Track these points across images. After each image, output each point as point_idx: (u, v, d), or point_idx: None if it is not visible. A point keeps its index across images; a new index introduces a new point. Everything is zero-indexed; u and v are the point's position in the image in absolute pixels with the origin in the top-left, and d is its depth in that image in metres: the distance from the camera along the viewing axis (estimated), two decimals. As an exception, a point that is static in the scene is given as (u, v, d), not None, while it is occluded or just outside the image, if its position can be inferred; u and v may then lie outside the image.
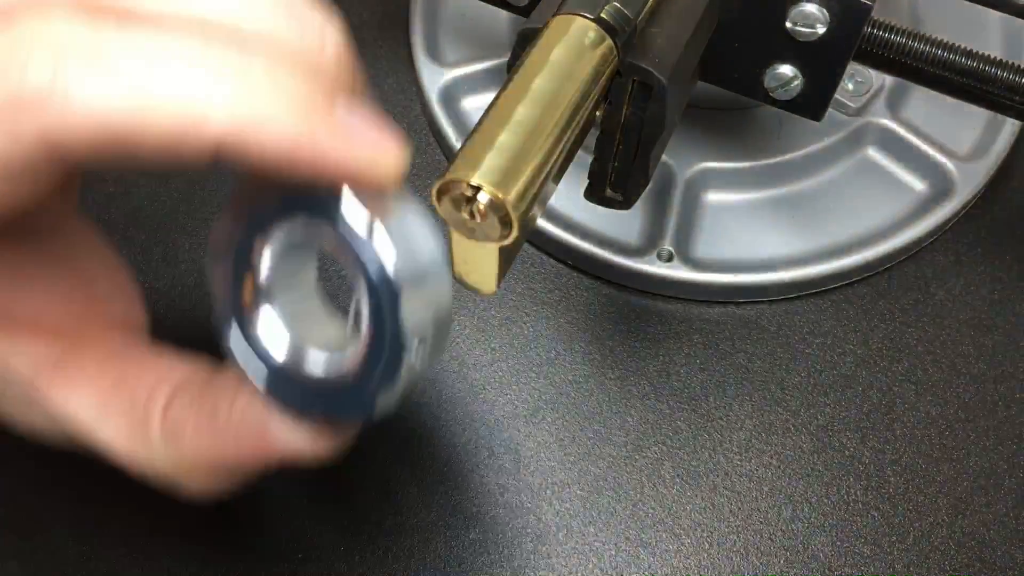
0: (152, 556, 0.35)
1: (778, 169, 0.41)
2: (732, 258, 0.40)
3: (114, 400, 0.24)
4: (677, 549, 0.35)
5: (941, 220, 0.40)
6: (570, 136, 0.25)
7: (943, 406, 0.38)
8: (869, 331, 0.39)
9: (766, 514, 0.36)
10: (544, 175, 0.24)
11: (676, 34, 0.29)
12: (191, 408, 0.24)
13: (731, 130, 0.42)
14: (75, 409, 0.24)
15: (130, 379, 0.24)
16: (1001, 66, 0.33)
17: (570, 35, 0.26)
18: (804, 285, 0.40)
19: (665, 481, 0.36)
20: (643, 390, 0.38)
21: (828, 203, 0.41)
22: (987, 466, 0.36)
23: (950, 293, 0.40)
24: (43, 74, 0.18)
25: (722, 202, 0.41)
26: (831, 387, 0.38)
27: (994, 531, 0.35)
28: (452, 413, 0.37)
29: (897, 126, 0.42)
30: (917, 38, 0.33)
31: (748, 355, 0.39)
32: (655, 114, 0.28)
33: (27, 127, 0.18)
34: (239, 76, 0.18)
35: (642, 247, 0.40)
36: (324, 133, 0.19)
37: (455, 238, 0.24)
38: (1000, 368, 0.38)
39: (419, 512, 0.36)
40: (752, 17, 0.32)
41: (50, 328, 0.25)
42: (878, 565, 0.35)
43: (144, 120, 0.18)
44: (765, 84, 0.33)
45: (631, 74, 0.28)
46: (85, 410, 0.24)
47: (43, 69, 0.18)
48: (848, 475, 0.36)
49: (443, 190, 0.23)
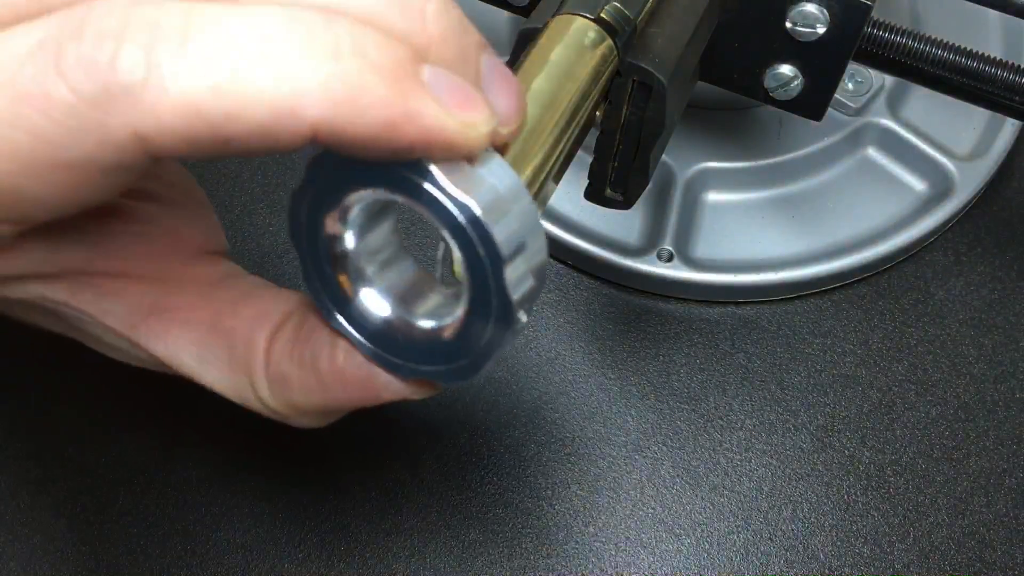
0: (152, 556, 0.35)
1: (778, 169, 0.41)
2: (732, 258, 0.40)
3: (212, 344, 0.24)
4: (677, 549, 0.35)
5: (941, 220, 0.40)
6: (570, 136, 0.25)
7: (943, 406, 0.38)
8: (869, 331, 0.39)
9: (766, 514, 0.36)
10: (544, 175, 0.24)
11: (676, 34, 0.29)
12: (293, 353, 0.23)
13: (731, 130, 0.42)
14: (175, 354, 0.24)
15: (225, 319, 0.24)
16: (1001, 66, 0.33)
17: (570, 35, 0.26)
18: (804, 285, 0.40)
19: (665, 481, 0.36)
20: (643, 390, 0.38)
21: (828, 203, 0.41)
22: (987, 466, 0.36)
23: (950, 293, 0.40)
24: (135, 66, 0.17)
25: (722, 202, 0.41)
26: (831, 387, 0.38)
27: (994, 531, 0.35)
28: (452, 413, 0.37)
29: (897, 126, 0.42)
30: (917, 38, 0.33)
31: (748, 355, 0.39)
32: (655, 114, 0.28)
33: (117, 124, 0.17)
34: (332, 55, 0.17)
35: (642, 247, 0.40)
36: (416, 106, 0.18)
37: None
38: (1000, 368, 0.38)
39: (419, 512, 0.36)
40: (752, 17, 0.32)
41: (141, 275, 0.24)
42: (878, 565, 0.35)
43: (241, 109, 0.17)
44: (765, 84, 0.33)
45: (631, 74, 0.28)
46: (185, 355, 0.24)
47: (135, 60, 0.17)
48: (848, 475, 0.36)
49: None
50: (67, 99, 0.17)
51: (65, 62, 0.17)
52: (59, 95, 0.17)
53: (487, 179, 0.20)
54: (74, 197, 0.19)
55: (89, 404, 0.38)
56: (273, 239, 0.41)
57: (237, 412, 0.36)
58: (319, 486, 0.36)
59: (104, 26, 0.17)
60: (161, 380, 0.35)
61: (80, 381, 0.38)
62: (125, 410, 0.37)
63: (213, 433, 0.37)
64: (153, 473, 0.36)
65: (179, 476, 0.36)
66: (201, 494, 0.36)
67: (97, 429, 0.37)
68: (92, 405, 0.38)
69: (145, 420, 0.37)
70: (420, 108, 0.18)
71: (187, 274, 0.25)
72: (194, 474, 0.36)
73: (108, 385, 0.38)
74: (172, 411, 0.37)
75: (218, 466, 0.36)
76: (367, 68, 0.18)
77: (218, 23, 0.17)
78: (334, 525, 0.35)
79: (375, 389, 0.23)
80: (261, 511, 0.36)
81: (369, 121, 0.18)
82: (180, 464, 0.36)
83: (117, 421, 0.37)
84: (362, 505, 0.36)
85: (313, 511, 0.36)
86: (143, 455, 0.37)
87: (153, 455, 0.37)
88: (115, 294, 0.24)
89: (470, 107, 0.19)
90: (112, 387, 0.38)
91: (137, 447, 0.37)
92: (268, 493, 0.36)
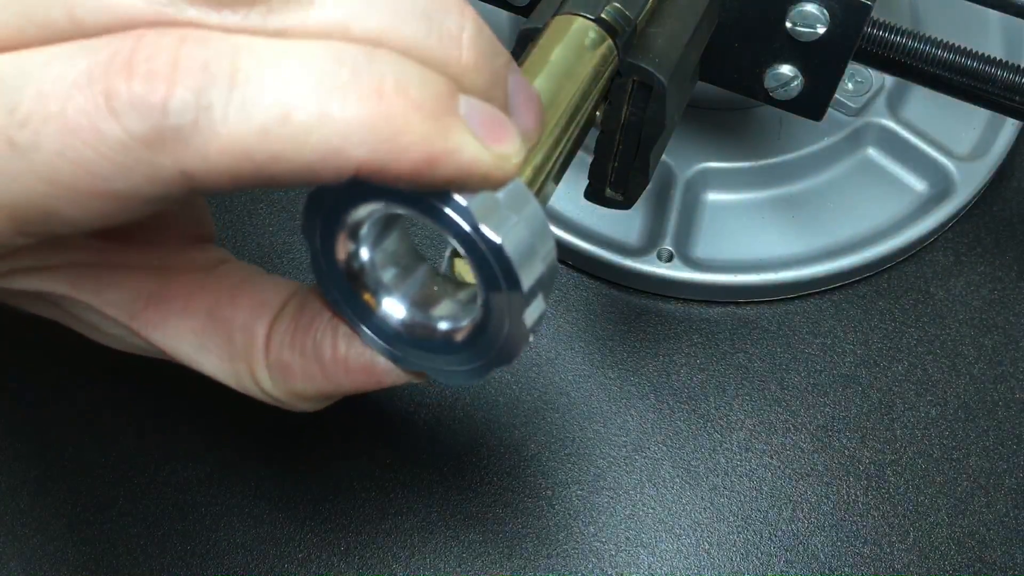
0: (152, 556, 0.35)
1: (778, 169, 0.41)
2: (732, 258, 0.40)
3: (211, 332, 0.24)
4: (677, 549, 0.35)
5: (941, 220, 0.40)
6: (570, 136, 0.25)
7: (943, 406, 0.38)
8: (869, 331, 0.39)
9: (766, 514, 0.36)
10: (544, 175, 0.24)
11: (676, 34, 0.29)
12: (294, 342, 0.24)
13: (731, 130, 0.42)
14: (174, 343, 0.24)
15: (223, 308, 0.24)
16: (1001, 66, 0.33)
17: (570, 35, 0.26)
18: (804, 285, 0.40)
19: (665, 481, 0.36)
20: (643, 390, 0.38)
21: (828, 203, 0.41)
22: (987, 466, 0.36)
23: (950, 293, 0.40)
24: (186, 109, 0.17)
25: (722, 202, 0.41)
26: (831, 387, 0.38)
27: (994, 531, 0.35)
28: (452, 413, 0.37)
29: (897, 126, 0.42)
30: (917, 38, 0.33)
31: (748, 355, 0.39)
32: (655, 114, 0.28)
33: (166, 163, 0.17)
34: (376, 95, 0.18)
35: (642, 247, 0.40)
36: (455, 143, 0.18)
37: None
38: (1000, 368, 0.38)
39: (419, 512, 0.36)
40: (752, 17, 0.32)
41: (138, 264, 0.24)
42: (878, 565, 0.35)
43: (288, 151, 0.17)
44: (765, 84, 0.33)
45: (631, 74, 0.28)
46: (184, 344, 0.24)
47: (186, 103, 0.17)
48: (848, 475, 0.36)
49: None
50: (119, 137, 0.17)
51: (117, 100, 0.17)
52: (111, 133, 0.17)
53: (513, 216, 0.20)
54: (106, 221, 0.19)
55: (89, 404, 0.38)
56: (272, 238, 0.41)
57: (237, 412, 0.36)
58: (319, 486, 0.36)
59: (155, 66, 0.17)
60: (161, 380, 0.35)
61: (80, 381, 0.38)
62: (125, 410, 0.37)
63: (213, 433, 0.37)
64: (153, 473, 0.36)
65: (179, 476, 0.36)
66: (201, 494, 0.36)
67: (97, 429, 0.37)
68: (92, 405, 0.37)
69: (145, 420, 0.37)
70: (459, 145, 0.18)
71: (182, 261, 0.25)
72: (194, 474, 0.36)
73: (108, 385, 0.38)
74: (172, 411, 0.37)
75: (218, 466, 0.36)
76: (410, 107, 0.18)
77: (267, 65, 0.17)
78: (334, 525, 0.35)
79: (377, 375, 0.24)
80: (261, 511, 0.36)
81: (410, 158, 0.18)
82: (180, 464, 0.36)
83: (117, 421, 0.37)
84: (362, 505, 0.36)
85: (313, 511, 0.36)
86: (143, 455, 0.37)
87: (153, 455, 0.37)
88: (115, 284, 0.24)
89: (504, 139, 0.19)
90: (112, 387, 0.38)
91: (137, 447, 0.37)
92: (268, 493, 0.36)
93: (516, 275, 0.20)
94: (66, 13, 0.18)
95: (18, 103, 0.17)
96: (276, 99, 0.17)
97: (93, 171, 0.17)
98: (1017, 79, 0.32)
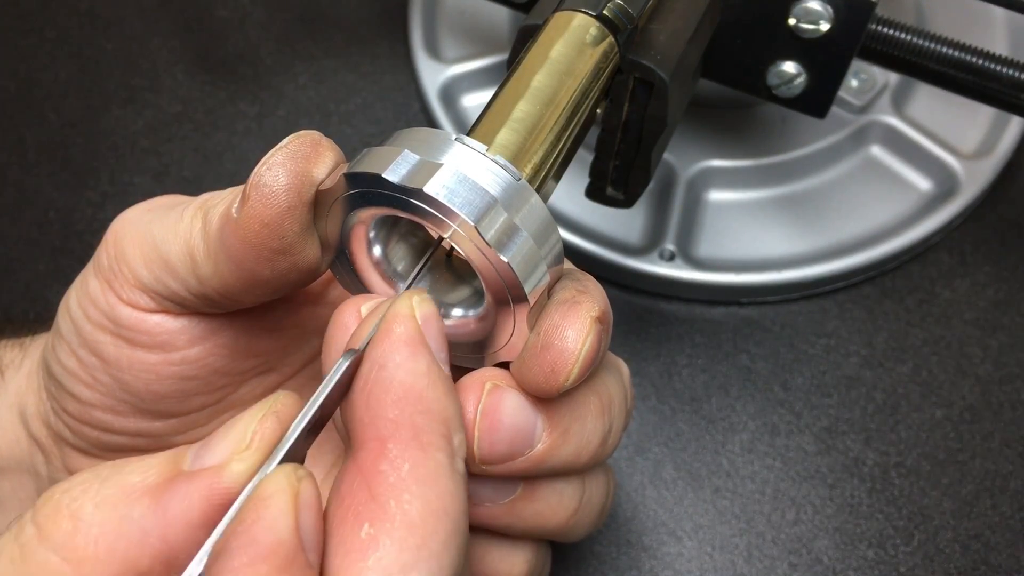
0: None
1: (781, 167, 0.41)
2: (735, 258, 0.40)
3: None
4: (679, 552, 0.35)
5: (946, 219, 0.40)
6: (571, 134, 0.25)
7: (948, 407, 0.37)
8: (874, 332, 0.39)
9: (769, 517, 0.35)
10: (544, 173, 0.23)
11: (678, 31, 0.28)
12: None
13: (734, 128, 0.42)
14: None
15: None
16: (1007, 63, 0.32)
17: (571, 32, 0.26)
18: (808, 285, 0.39)
19: (667, 483, 0.36)
20: (645, 391, 0.38)
21: (832, 202, 0.41)
22: (993, 468, 0.36)
23: (955, 293, 0.40)
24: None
25: (725, 201, 0.41)
26: (835, 388, 0.38)
27: (999, 534, 0.35)
28: (452, 414, 0.37)
29: (902, 124, 0.41)
30: (922, 35, 0.33)
31: (751, 356, 0.38)
32: (656, 112, 0.28)
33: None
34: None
35: (644, 246, 0.40)
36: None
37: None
38: (1006, 369, 0.38)
39: (418, 514, 0.35)
40: (755, 14, 0.31)
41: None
42: (883, 568, 0.34)
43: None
44: (768, 82, 0.33)
45: (632, 71, 0.27)
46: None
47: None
48: (852, 477, 0.36)
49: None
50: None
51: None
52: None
53: (521, 232, 0.21)
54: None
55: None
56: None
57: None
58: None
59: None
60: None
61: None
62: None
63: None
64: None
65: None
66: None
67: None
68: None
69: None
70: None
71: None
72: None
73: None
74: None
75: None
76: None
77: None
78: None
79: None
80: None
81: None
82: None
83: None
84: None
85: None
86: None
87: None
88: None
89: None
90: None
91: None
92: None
93: (522, 289, 0.21)
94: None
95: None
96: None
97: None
98: (1023, 76, 0.32)
